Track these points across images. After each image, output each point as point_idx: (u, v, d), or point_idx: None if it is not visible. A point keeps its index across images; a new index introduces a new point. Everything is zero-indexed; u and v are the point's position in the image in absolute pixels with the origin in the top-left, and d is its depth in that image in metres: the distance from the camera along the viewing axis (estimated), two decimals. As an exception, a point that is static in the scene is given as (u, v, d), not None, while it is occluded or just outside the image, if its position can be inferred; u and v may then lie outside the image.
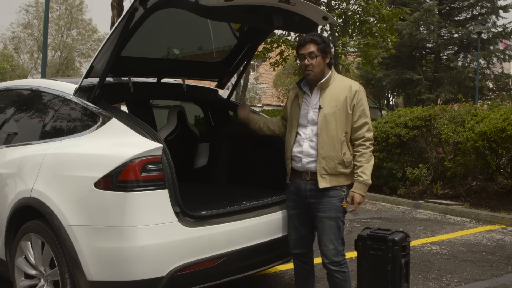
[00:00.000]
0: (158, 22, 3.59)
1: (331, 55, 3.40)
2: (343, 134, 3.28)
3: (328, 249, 3.33)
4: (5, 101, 4.43)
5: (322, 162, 3.27)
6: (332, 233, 3.32)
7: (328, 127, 3.27)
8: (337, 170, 3.28)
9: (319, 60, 3.31)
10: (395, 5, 23.04)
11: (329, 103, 3.30)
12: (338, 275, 3.35)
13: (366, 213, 7.94)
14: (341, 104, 3.28)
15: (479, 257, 5.41)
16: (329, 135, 3.27)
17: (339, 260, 3.34)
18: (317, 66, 3.30)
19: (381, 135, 9.20)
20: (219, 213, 3.38)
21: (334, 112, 3.28)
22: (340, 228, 3.36)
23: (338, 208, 3.31)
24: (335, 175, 3.29)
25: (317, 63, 3.30)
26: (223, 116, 4.94)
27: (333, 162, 3.27)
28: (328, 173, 3.28)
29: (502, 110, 7.83)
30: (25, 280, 3.53)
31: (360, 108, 3.31)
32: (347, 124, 3.29)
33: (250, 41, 4.30)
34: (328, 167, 3.27)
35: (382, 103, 32.72)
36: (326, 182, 3.28)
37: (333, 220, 3.32)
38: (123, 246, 2.97)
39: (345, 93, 3.30)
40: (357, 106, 3.30)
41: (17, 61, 41.16)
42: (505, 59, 26.50)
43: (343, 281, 3.36)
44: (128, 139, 3.13)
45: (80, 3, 40.59)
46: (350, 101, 3.29)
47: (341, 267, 3.35)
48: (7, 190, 3.64)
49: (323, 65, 3.34)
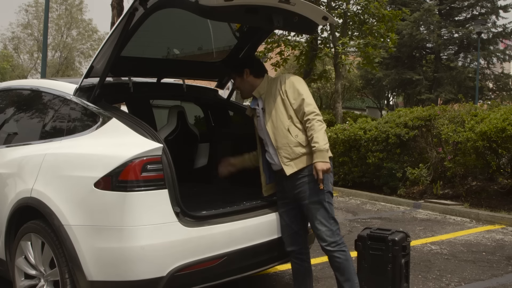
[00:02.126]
0: (158, 22, 3.59)
1: (251, 68, 3.61)
2: (287, 120, 3.42)
3: (321, 231, 3.37)
4: (5, 101, 4.43)
5: (281, 152, 3.43)
6: (320, 216, 3.37)
7: (272, 119, 3.45)
8: (297, 153, 3.39)
9: (238, 80, 3.64)
10: (395, 5, 23.07)
11: (267, 101, 3.51)
12: (338, 254, 3.37)
13: (366, 213, 7.94)
14: (275, 95, 3.47)
15: (479, 257, 5.41)
16: (276, 126, 3.44)
17: (335, 240, 3.37)
18: (240, 85, 3.65)
19: (381, 135, 9.20)
20: (219, 213, 3.38)
21: (273, 106, 3.46)
22: (327, 209, 3.39)
23: (318, 191, 3.36)
24: (297, 158, 3.40)
25: (238, 83, 3.66)
26: (223, 116, 4.94)
27: (289, 147, 3.41)
28: (290, 158, 3.41)
29: (502, 110, 7.83)
30: (25, 280, 3.53)
31: (291, 89, 3.45)
32: (287, 109, 3.43)
33: (250, 41, 4.30)
34: (287, 153, 3.41)
35: (382, 103, 32.74)
36: (292, 167, 3.40)
37: (316, 203, 3.38)
38: (123, 246, 2.96)
39: (276, 85, 3.50)
40: (289, 89, 3.45)
41: (17, 61, 41.18)
42: (505, 59, 26.54)
43: (345, 260, 3.37)
44: (128, 139, 3.14)
45: (80, 3, 40.61)
46: (280, 88, 3.47)
47: (339, 247, 3.37)
48: (7, 190, 3.64)
49: (246, 81, 3.61)
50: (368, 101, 33.28)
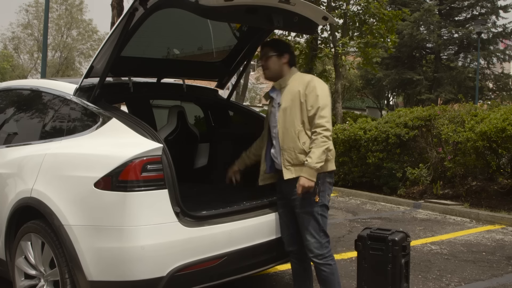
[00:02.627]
0: (158, 22, 3.59)
1: (290, 56, 3.54)
2: (300, 125, 3.38)
3: (310, 242, 3.38)
4: (5, 101, 4.43)
5: (285, 154, 3.40)
6: (311, 227, 3.37)
7: (285, 119, 3.40)
8: (299, 160, 3.36)
9: (273, 60, 3.50)
10: (395, 5, 23.08)
11: (285, 97, 3.44)
12: (324, 268, 3.38)
13: (366, 213, 7.94)
14: (295, 96, 3.41)
15: (479, 257, 5.41)
16: (286, 127, 3.40)
17: (322, 252, 3.38)
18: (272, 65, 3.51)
19: (381, 135, 9.20)
20: (219, 213, 3.38)
21: (289, 105, 3.40)
22: (318, 221, 3.38)
23: (312, 202, 3.35)
24: (298, 165, 3.36)
25: (270, 63, 3.51)
26: (223, 116, 4.94)
27: (293, 152, 3.37)
28: (292, 163, 3.38)
29: (502, 110, 7.83)
30: (25, 280, 3.53)
31: (312, 95, 3.36)
32: (302, 114, 3.38)
33: (250, 41, 4.30)
34: (290, 157, 3.38)
35: (382, 103, 32.75)
36: (291, 173, 3.38)
37: (309, 214, 3.37)
38: (123, 246, 2.96)
39: (300, 87, 3.42)
40: (310, 95, 3.37)
41: (17, 61, 41.18)
42: (505, 59, 26.57)
43: (330, 274, 3.39)
44: (128, 139, 3.13)
45: (80, 3, 40.60)
46: (303, 92, 3.39)
47: (326, 260, 3.38)
48: (7, 190, 3.64)
49: (279, 65, 3.50)
50: (368, 101, 33.31)
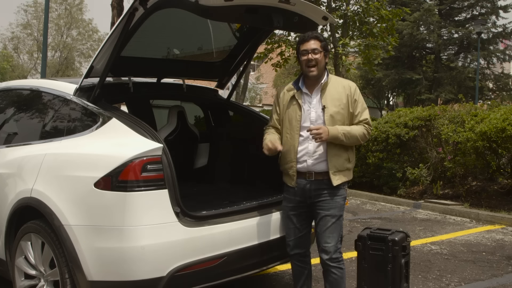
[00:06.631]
0: (158, 22, 3.58)
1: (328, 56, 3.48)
2: None
3: (329, 245, 3.37)
4: (5, 101, 4.43)
5: (333, 160, 3.34)
6: (335, 230, 3.38)
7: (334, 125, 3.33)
8: (344, 166, 3.39)
9: (322, 56, 3.37)
10: (395, 5, 23.07)
11: (332, 102, 3.36)
12: (336, 271, 3.38)
13: (366, 213, 7.94)
14: (344, 104, 3.38)
15: (479, 257, 5.41)
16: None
17: (337, 256, 3.39)
18: (320, 62, 3.36)
19: (381, 135, 9.20)
20: (219, 213, 3.38)
21: (338, 111, 3.36)
22: (341, 226, 3.44)
23: (342, 207, 3.40)
24: (343, 171, 3.39)
25: (321, 58, 3.36)
26: (223, 116, 4.94)
27: (341, 159, 3.37)
28: (339, 170, 3.36)
29: (502, 110, 7.83)
30: (25, 280, 3.53)
31: (360, 104, 3.43)
32: (350, 121, 3.41)
33: (250, 41, 4.30)
34: (339, 164, 3.36)
35: (382, 103, 32.74)
36: (338, 179, 3.36)
37: (336, 218, 3.38)
38: (123, 246, 2.96)
39: (346, 92, 3.40)
40: (358, 102, 3.42)
41: (17, 61, 41.14)
42: (505, 59, 26.56)
43: (340, 277, 3.40)
44: (128, 139, 3.13)
45: (80, 3, 40.56)
46: (352, 99, 3.40)
47: (339, 263, 3.39)
48: (7, 190, 3.64)
49: (324, 63, 3.42)
50: (368, 101, 33.26)
